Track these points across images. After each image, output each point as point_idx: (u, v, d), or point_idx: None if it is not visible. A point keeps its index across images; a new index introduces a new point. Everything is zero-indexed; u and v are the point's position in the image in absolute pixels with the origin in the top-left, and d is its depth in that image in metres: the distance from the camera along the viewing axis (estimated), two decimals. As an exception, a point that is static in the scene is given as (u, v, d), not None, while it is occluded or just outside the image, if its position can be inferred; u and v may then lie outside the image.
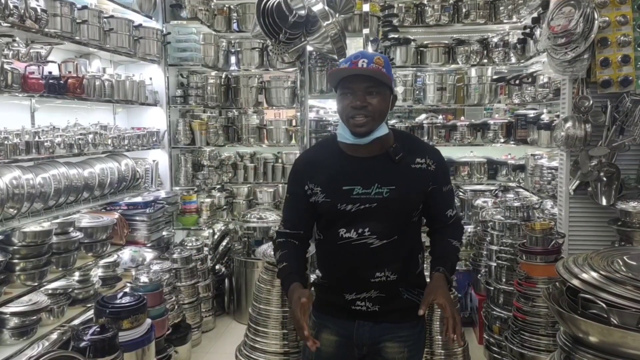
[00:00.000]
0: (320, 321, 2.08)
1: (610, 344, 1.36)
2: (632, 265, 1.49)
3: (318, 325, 2.08)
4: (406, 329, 2.02)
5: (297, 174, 2.07)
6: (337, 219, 1.96)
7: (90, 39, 3.84)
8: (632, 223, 2.95)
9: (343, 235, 1.96)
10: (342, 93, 1.94)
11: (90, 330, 2.88)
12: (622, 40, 3.08)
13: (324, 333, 2.05)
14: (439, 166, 2.02)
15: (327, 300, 2.08)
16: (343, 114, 1.94)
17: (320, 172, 1.99)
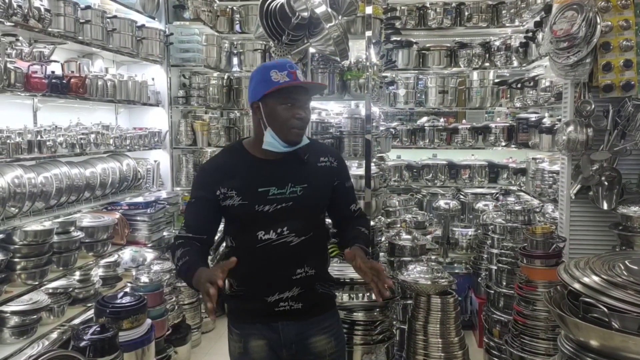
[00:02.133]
0: (244, 331, 2.06)
1: (612, 348, 1.35)
2: (633, 269, 1.49)
3: (243, 337, 2.05)
4: (328, 319, 2.13)
5: (206, 179, 2.03)
6: (255, 221, 1.98)
7: (93, 39, 3.85)
8: (633, 227, 2.94)
9: (262, 237, 1.98)
10: (283, 103, 1.95)
11: (91, 330, 2.88)
12: (625, 45, 3.07)
13: (251, 341, 2.05)
14: (340, 164, 2.16)
15: (247, 308, 2.05)
16: (284, 124, 1.95)
17: (232, 176, 1.99)
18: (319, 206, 2.12)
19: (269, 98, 1.94)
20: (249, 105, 2.03)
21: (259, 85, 1.96)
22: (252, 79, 2.01)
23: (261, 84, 1.96)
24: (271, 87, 1.93)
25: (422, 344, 2.87)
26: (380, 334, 2.87)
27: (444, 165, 5.60)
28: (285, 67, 1.96)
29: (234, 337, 2.07)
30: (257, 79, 1.98)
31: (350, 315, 2.82)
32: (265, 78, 1.95)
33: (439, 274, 2.97)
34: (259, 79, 1.97)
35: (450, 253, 5.07)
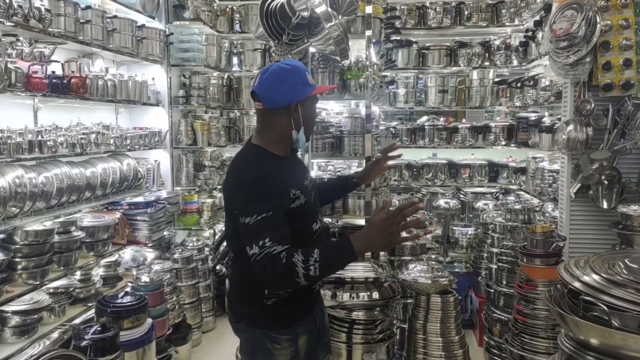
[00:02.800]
0: (294, 333, 2.04)
1: (612, 346, 1.36)
2: (633, 268, 1.49)
3: (294, 339, 2.04)
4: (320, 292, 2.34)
5: (276, 187, 1.90)
6: (310, 215, 2.08)
7: (93, 38, 3.85)
8: (633, 226, 2.94)
9: (315, 228, 2.10)
10: (314, 105, 2.10)
11: (92, 330, 2.88)
12: (624, 44, 3.08)
13: (300, 340, 2.06)
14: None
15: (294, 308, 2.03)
16: (310, 126, 2.10)
17: (288, 178, 1.97)
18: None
19: (308, 100, 2.02)
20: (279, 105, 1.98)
21: (297, 86, 1.98)
22: (286, 80, 1.97)
23: (302, 85, 1.99)
24: (313, 90, 2.02)
25: (422, 343, 2.88)
26: (381, 333, 2.88)
27: (444, 164, 5.60)
28: (306, 70, 2.06)
29: (283, 344, 2.01)
30: (296, 80, 1.98)
31: (350, 314, 2.82)
32: (304, 80, 2.00)
33: (439, 273, 2.98)
34: (298, 81, 1.98)
35: (451, 252, 5.08)
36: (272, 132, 2.03)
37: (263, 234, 1.82)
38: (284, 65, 2.00)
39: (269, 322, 2.03)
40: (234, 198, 1.95)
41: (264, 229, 1.83)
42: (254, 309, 2.04)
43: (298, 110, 1.98)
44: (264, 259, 1.81)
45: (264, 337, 2.02)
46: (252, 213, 1.84)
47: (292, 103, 1.97)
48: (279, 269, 1.80)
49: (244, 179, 1.92)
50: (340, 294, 2.81)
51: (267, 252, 1.81)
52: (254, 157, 2.02)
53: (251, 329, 2.06)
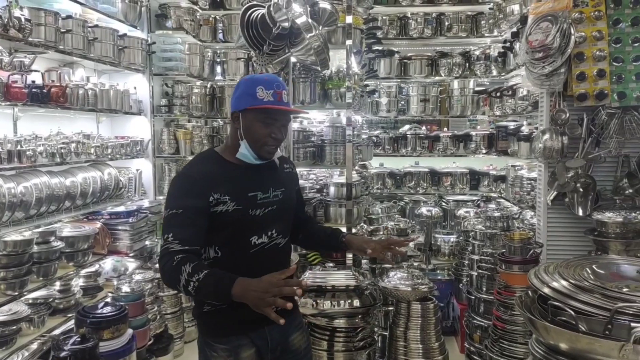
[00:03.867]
0: (233, 344, 2.02)
1: (579, 350, 1.40)
2: (600, 273, 1.54)
3: (233, 350, 2.01)
4: (298, 315, 2.27)
5: (195, 186, 1.93)
6: (248, 226, 2.01)
7: (74, 48, 3.84)
8: (608, 233, 3.01)
9: (255, 242, 2.02)
10: (261, 121, 1.99)
11: (71, 340, 2.85)
12: (598, 55, 3.15)
13: (242, 352, 2.02)
14: (295, 170, 2.35)
15: (236, 319, 1.99)
16: (259, 140, 2.00)
17: (222, 182, 1.97)
18: (294, 208, 2.25)
19: (249, 112, 1.99)
20: (231, 114, 2.05)
21: (242, 97, 2.00)
22: (238, 88, 2.03)
23: (245, 97, 1.99)
24: (254, 104, 1.97)
25: (402, 350, 2.90)
26: (362, 341, 2.89)
27: (426, 172, 5.66)
28: (272, 86, 1.99)
29: (220, 353, 2.01)
30: (243, 90, 2.01)
31: (332, 322, 2.84)
32: (250, 92, 1.98)
33: (419, 280, 3.01)
34: (244, 91, 2.00)
35: (433, 260, 5.11)
36: (228, 138, 2.12)
37: (169, 229, 1.87)
38: (249, 76, 2.10)
39: (207, 329, 2.08)
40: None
41: (171, 225, 1.88)
42: (197, 312, 2.10)
43: (239, 120, 2.01)
44: (162, 252, 1.87)
45: (204, 343, 2.08)
46: (167, 207, 1.92)
47: (234, 111, 2.03)
48: (168, 267, 1.82)
49: (175, 175, 2.04)
50: (321, 302, 2.83)
51: (167, 246, 1.85)
52: (198, 157, 2.12)
53: (199, 333, 2.14)
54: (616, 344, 1.30)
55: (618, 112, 3.15)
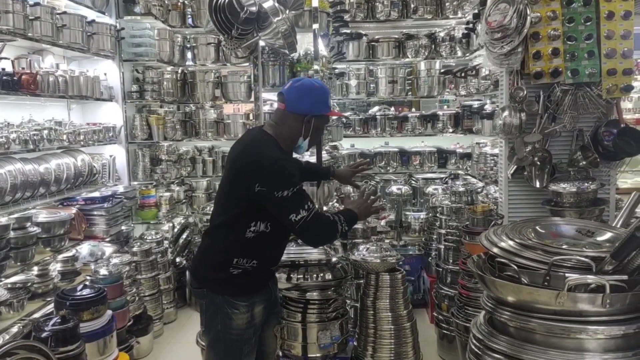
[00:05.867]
0: (251, 301, 2.36)
1: (523, 301, 1.55)
2: (542, 233, 1.69)
3: (250, 306, 2.36)
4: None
5: (293, 167, 2.35)
6: None
7: (43, 35, 3.84)
8: (563, 203, 3.18)
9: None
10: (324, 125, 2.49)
11: (51, 322, 2.93)
12: (552, 34, 3.29)
13: (256, 307, 2.38)
14: None
15: (254, 280, 2.38)
16: (315, 139, 2.43)
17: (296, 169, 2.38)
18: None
19: (323, 117, 2.40)
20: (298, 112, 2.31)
21: (321, 104, 2.36)
22: (312, 93, 2.33)
23: (324, 104, 2.37)
24: (328, 111, 2.41)
25: (372, 318, 3.05)
26: (334, 312, 3.03)
27: (395, 152, 5.81)
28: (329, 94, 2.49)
29: (241, 309, 2.32)
30: (321, 98, 2.36)
31: (305, 295, 2.97)
32: (326, 101, 2.38)
33: (387, 252, 3.15)
34: (322, 99, 2.36)
35: (404, 236, 5.29)
36: (286, 130, 2.34)
37: (304, 200, 2.21)
38: (315, 82, 2.41)
39: (231, 289, 2.33)
40: (262, 175, 2.20)
41: (303, 197, 2.23)
42: (219, 276, 2.34)
43: (311, 122, 2.33)
44: (314, 217, 2.22)
45: (224, 302, 2.32)
46: (289, 187, 2.18)
47: (309, 115, 2.31)
48: (331, 223, 2.28)
49: (272, 159, 2.22)
50: (294, 276, 2.96)
51: (315, 211, 2.23)
52: (271, 144, 2.31)
53: (212, 294, 2.36)
54: (553, 292, 1.45)
55: (572, 88, 3.30)
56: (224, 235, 2.35)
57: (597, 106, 3.30)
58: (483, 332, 1.67)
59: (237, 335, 2.35)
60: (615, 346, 1.48)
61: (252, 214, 2.27)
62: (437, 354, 4.06)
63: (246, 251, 2.31)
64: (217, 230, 2.41)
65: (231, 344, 2.36)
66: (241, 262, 2.31)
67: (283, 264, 2.95)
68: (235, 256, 2.30)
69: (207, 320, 2.42)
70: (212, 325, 2.38)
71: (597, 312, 1.46)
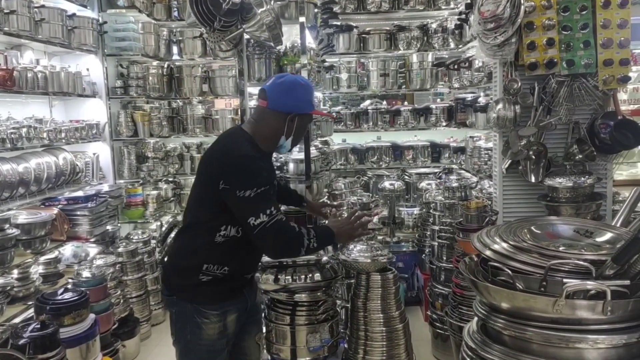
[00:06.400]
0: (223, 309, 2.23)
1: (518, 307, 1.44)
2: (538, 234, 1.59)
3: (223, 315, 2.22)
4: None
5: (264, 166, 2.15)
6: None
7: (20, 29, 3.69)
8: (559, 198, 3.10)
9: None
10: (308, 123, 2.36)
11: (30, 327, 2.81)
12: (547, 24, 3.20)
13: (229, 316, 2.24)
14: None
15: (227, 287, 2.23)
16: (298, 138, 2.30)
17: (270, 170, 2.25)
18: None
19: (306, 116, 2.26)
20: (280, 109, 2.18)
21: (305, 102, 2.23)
22: (295, 90, 2.20)
23: (308, 103, 2.24)
24: (313, 109, 2.27)
25: (363, 320, 2.93)
26: (324, 313, 2.92)
27: (388, 147, 5.71)
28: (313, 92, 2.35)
29: (212, 319, 2.19)
30: (306, 97, 2.23)
31: (293, 296, 2.85)
32: (310, 99, 2.25)
33: (378, 251, 3.04)
34: (307, 98, 2.24)
35: (398, 232, 5.20)
36: (266, 129, 2.20)
37: (267, 204, 2.04)
38: (299, 79, 2.29)
39: (201, 297, 2.19)
40: (227, 173, 2.06)
41: (267, 200, 2.05)
42: (188, 283, 2.19)
43: (295, 121, 2.20)
44: (275, 224, 2.04)
45: (194, 311, 2.18)
46: (252, 187, 2.02)
47: (292, 113, 2.18)
48: (293, 235, 2.10)
49: (239, 155, 2.08)
50: (282, 277, 2.84)
51: (277, 219, 2.05)
52: (246, 140, 2.18)
53: (182, 302, 2.21)
54: (550, 299, 1.35)
55: (567, 79, 3.22)
56: (192, 239, 2.22)
57: (593, 98, 3.21)
58: (476, 340, 1.56)
59: (208, 346, 2.22)
60: (617, 356, 1.38)
61: (221, 217, 2.13)
62: (432, 353, 3.96)
63: (216, 257, 2.17)
64: (186, 234, 2.29)
65: (202, 355, 2.23)
66: (211, 269, 2.17)
67: (270, 265, 2.85)
68: (205, 262, 2.16)
69: (176, 330, 2.28)
70: (182, 335, 2.24)
71: (598, 320, 1.36)
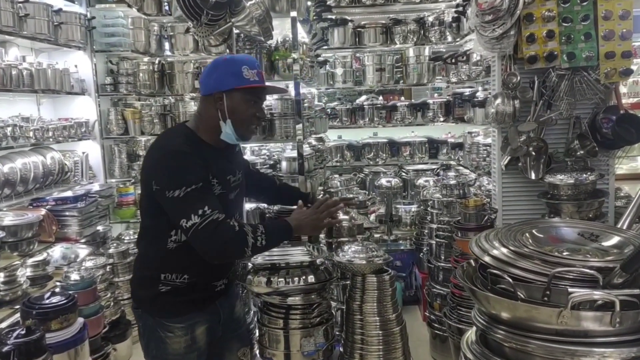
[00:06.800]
0: (190, 322, 2.04)
1: (520, 318, 1.35)
2: (540, 238, 1.49)
3: (189, 328, 2.03)
4: (237, 285, 2.33)
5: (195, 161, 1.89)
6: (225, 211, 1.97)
7: (3, 25, 3.58)
8: (560, 195, 3.01)
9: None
10: (248, 100, 1.98)
11: (15, 334, 2.73)
12: (547, 16, 3.11)
13: (197, 329, 2.07)
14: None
15: (192, 298, 2.04)
16: (245, 120, 1.99)
17: (211, 164, 1.95)
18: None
19: (236, 92, 1.95)
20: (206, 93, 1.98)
21: (227, 77, 1.95)
22: (218, 68, 1.98)
23: (231, 76, 1.95)
24: (244, 83, 1.94)
25: (359, 324, 2.84)
26: (318, 317, 2.83)
27: (384, 143, 5.60)
28: (255, 66, 1.99)
29: (176, 332, 2.00)
30: (226, 70, 1.96)
31: (286, 300, 2.76)
32: (235, 72, 1.94)
33: (374, 252, 2.94)
34: (228, 71, 1.95)
35: (395, 230, 5.10)
36: (203, 118, 2.02)
37: (199, 203, 1.82)
38: (225, 57, 2.10)
39: (161, 310, 2.01)
40: (156, 171, 1.90)
41: (199, 199, 1.83)
42: (148, 294, 2.02)
43: (223, 100, 1.95)
44: (209, 225, 1.81)
45: (156, 324, 2.01)
46: (180, 185, 1.82)
47: (216, 92, 1.95)
48: (231, 235, 1.85)
49: (166, 152, 1.90)
50: (275, 280, 2.74)
51: (212, 219, 1.82)
52: (179, 135, 1.99)
53: (145, 315, 2.05)
54: (554, 310, 1.25)
55: (568, 73, 3.13)
56: (146, 247, 2.06)
57: (595, 91, 3.12)
58: (475, 352, 1.47)
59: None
60: (626, 370, 1.28)
61: (169, 222, 1.93)
62: (430, 354, 3.88)
63: (172, 265, 1.98)
64: (141, 242, 2.12)
65: None
66: (170, 278, 1.99)
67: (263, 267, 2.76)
68: (161, 271, 1.98)
69: (143, 345, 2.10)
70: (148, 351, 2.07)
71: (605, 332, 1.27)
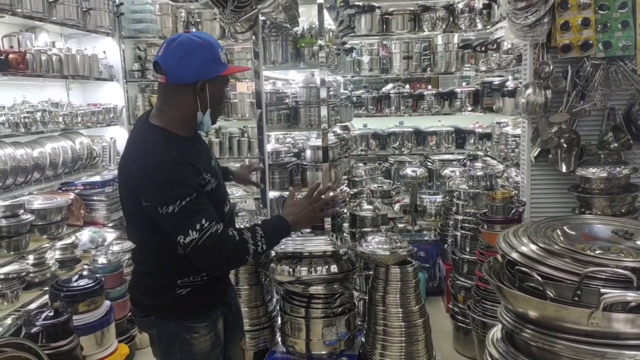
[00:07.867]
0: (212, 318, 1.99)
1: (548, 318, 1.31)
2: (571, 235, 1.44)
3: (213, 324, 1.99)
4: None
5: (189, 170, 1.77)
6: (220, 197, 1.98)
7: (33, 11, 3.62)
8: (592, 189, 2.93)
9: (225, 211, 2.00)
10: (224, 85, 1.95)
11: (43, 315, 2.80)
12: (583, 3, 3.01)
13: (218, 324, 2.04)
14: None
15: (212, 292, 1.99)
16: (221, 105, 1.96)
17: (198, 161, 1.83)
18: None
19: (216, 79, 1.85)
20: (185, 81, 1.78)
21: (210, 64, 1.81)
22: (196, 54, 1.78)
23: (212, 63, 1.81)
24: (224, 69, 1.85)
25: (382, 315, 2.83)
26: (340, 306, 2.83)
27: (410, 132, 5.53)
28: (220, 46, 1.88)
29: (202, 332, 1.94)
30: (206, 57, 1.80)
31: (308, 289, 2.76)
32: (216, 58, 1.82)
33: (397, 243, 2.92)
34: (208, 58, 1.80)
35: (420, 220, 5.05)
36: (175, 110, 1.83)
37: (196, 217, 1.71)
38: (195, 38, 1.81)
39: (184, 313, 1.92)
40: (144, 187, 1.75)
41: (195, 211, 1.72)
42: (165, 302, 1.92)
43: (206, 90, 1.82)
44: (208, 241, 1.72)
45: (179, 328, 1.92)
46: (174, 200, 1.70)
47: (200, 81, 1.79)
48: (231, 247, 1.77)
49: (152, 165, 1.73)
50: (298, 269, 2.74)
51: (210, 232, 1.72)
52: (157, 140, 1.79)
53: (163, 322, 1.94)
54: (585, 311, 1.21)
55: (603, 62, 3.03)
56: (154, 258, 1.91)
57: (631, 82, 3.02)
58: (501, 350, 1.43)
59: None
60: (658, 374, 1.23)
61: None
62: (453, 347, 3.84)
63: (186, 268, 1.87)
64: (144, 253, 1.97)
65: None
66: (187, 280, 1.90)
67: (285, 255, 2.76)
68: (177, 277, 1.89)
69: (162, 352, 1.99)
70: (170, 356, 1.97)
71: (638, 335, 1.22)
